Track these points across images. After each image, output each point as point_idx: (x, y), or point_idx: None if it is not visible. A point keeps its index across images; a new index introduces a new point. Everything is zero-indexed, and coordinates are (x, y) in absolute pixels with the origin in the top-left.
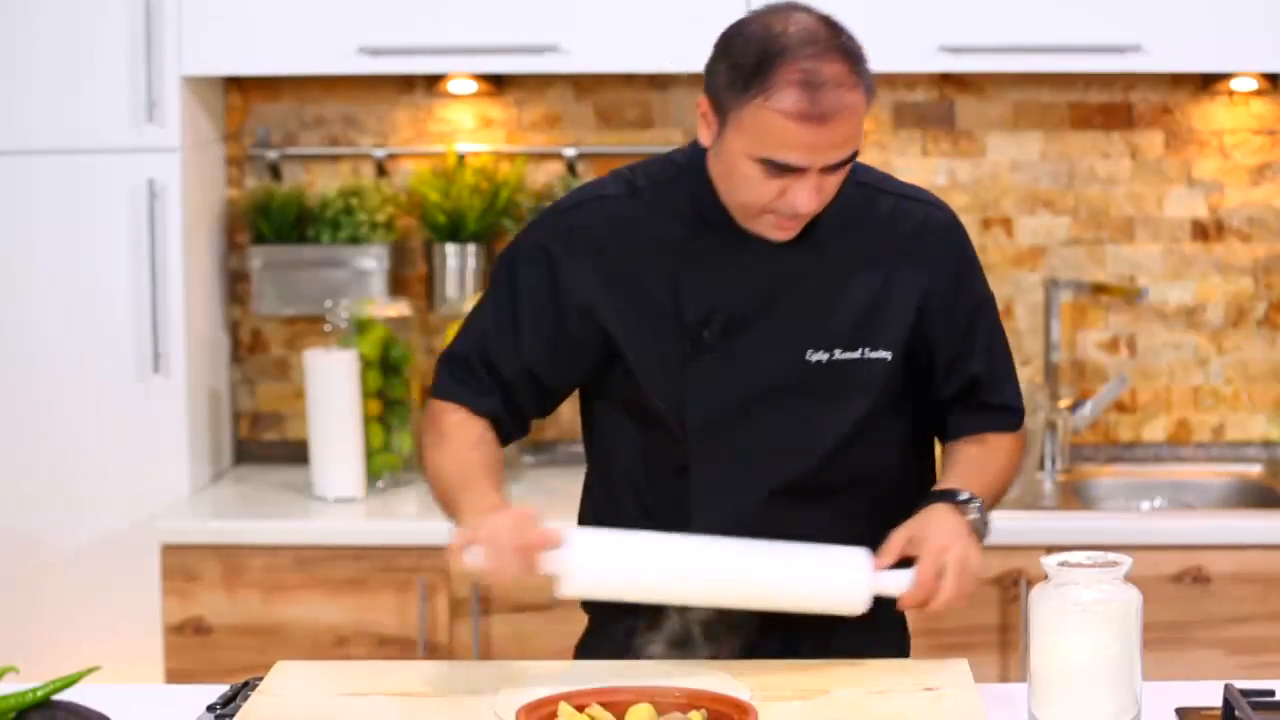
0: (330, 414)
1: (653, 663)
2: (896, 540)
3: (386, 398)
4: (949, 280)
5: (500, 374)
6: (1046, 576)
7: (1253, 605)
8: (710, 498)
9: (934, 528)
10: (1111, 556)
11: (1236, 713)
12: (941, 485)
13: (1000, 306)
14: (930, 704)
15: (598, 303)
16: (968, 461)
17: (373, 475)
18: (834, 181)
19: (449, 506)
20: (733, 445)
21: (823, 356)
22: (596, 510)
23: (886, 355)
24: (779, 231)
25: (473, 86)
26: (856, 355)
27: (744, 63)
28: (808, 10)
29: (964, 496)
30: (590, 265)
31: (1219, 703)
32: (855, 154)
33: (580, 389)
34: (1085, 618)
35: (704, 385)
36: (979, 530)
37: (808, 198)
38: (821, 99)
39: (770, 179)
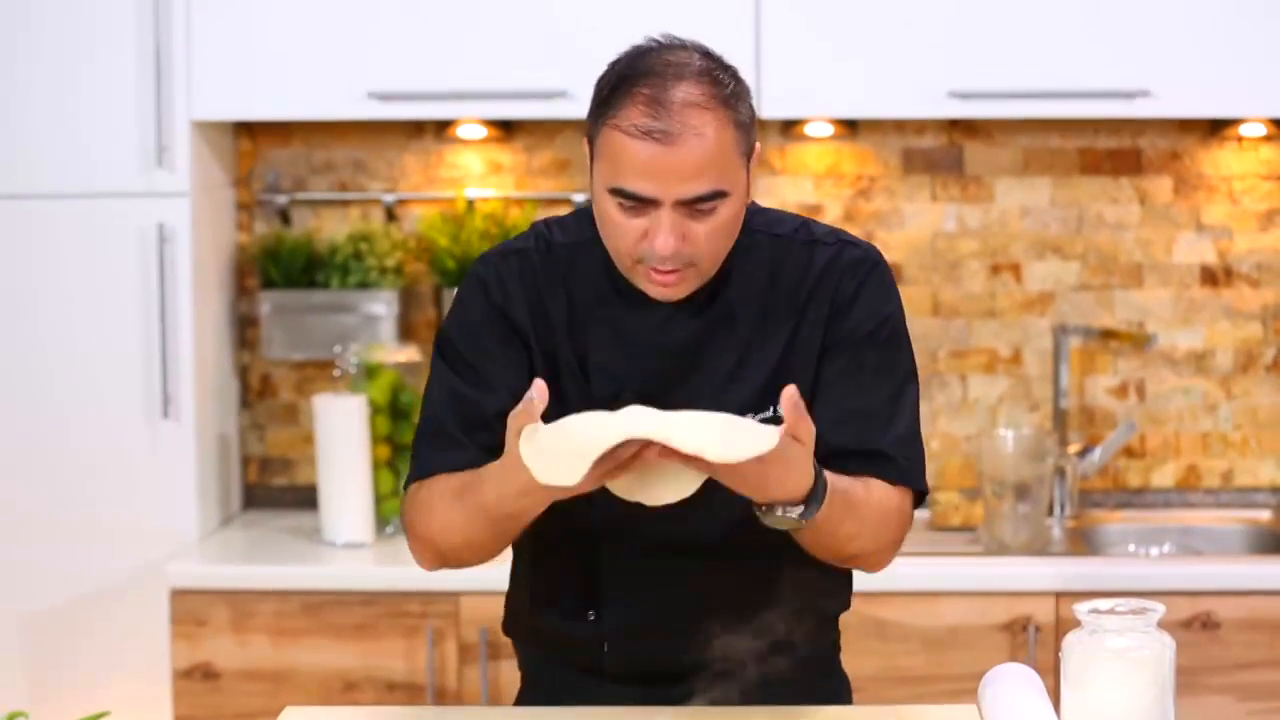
0: (339, 459)
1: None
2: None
3: (395, 443)
4: (841, 307)
5: (478, 425)
6: (1080, 624)
7: (1263, 651)
8: (623, 583)
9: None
10: (1145, 604)
11: None
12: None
13: (1008, 352)
14: None
15: (524, 333)
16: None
17: (382, 520)
18: (704, 230)
19: (497, 515)
20: (641, 519)
21: None
22: (518, 570)
23: None
24: (657, 286)
25: (482, 132)
26: (768, 414)
27: (602, 86)
28: (697, 49)
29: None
30: (521, 309)
31: None
32: (721, 194)
33: None
34: (1121, 665)
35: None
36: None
37: (664, 238)
38: (664, 115)
39: (628, 217)
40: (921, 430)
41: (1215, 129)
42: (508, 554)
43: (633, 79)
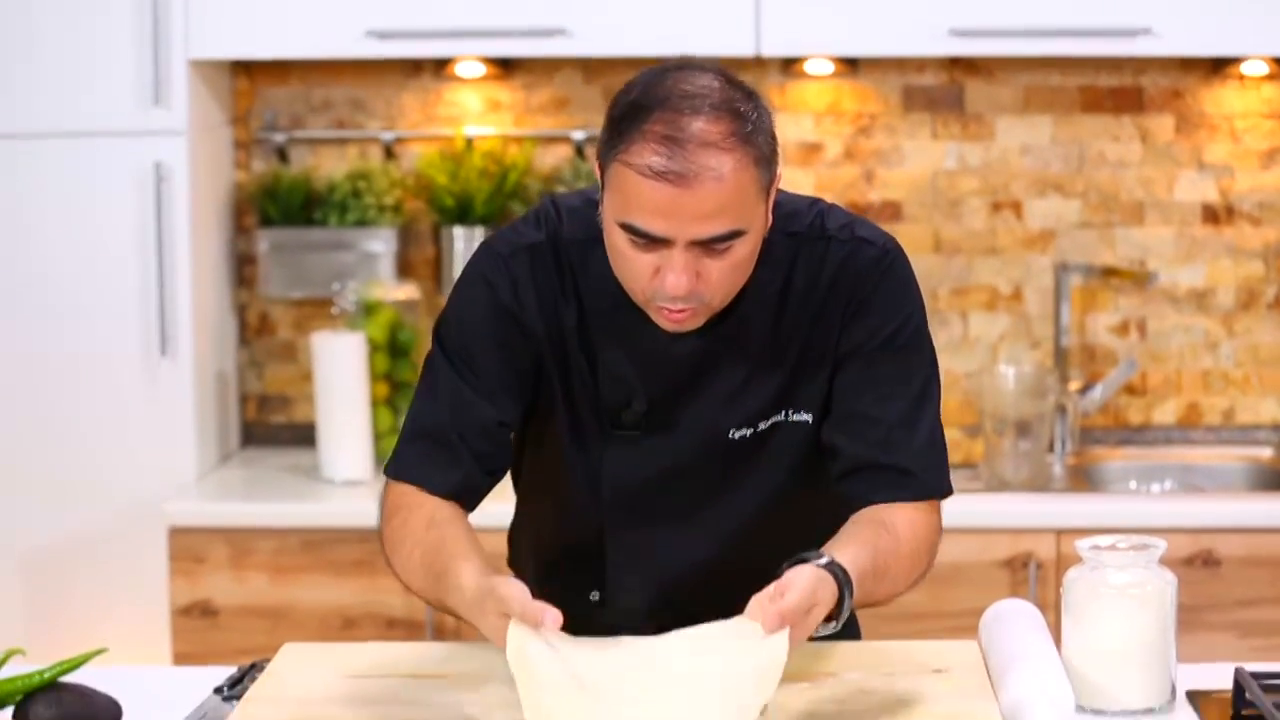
0: (338, 397)
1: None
2: (802, 603)
3: (394, 380)
4: (857, 313)
5: (477, 433)
6: (1081, 560)
7: (1264, 588)
8: (627, 565)
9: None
10: (1146, 540)
11: (1247, 695)
12: (848, 567)
13: (1009, 290)
14: (939, 685)
15: (535, 336)
16: (861, 547)
17: (380, 458)
18: (719, 267)
19: (455, 612)
20: (650, 518)
21: (746, 432)
22: (520, 558)
23: (807, 418)
24: (668, 322)
25: (480, 70)
26: (780, 418)
27: (615, 116)
28: (716, 71)
29: (841, 609)
30: (533, 311)
31: (1230, 685)
32: (738, 233)
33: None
34: (1122, 602)
35: (620, 461)
36: (837, 613)
37: (675, 279)
38: (680, 156)
39: (639, 252)
40: (942, 425)
41: (1217, 67)
42: (508, 511)
43: (646, 110)
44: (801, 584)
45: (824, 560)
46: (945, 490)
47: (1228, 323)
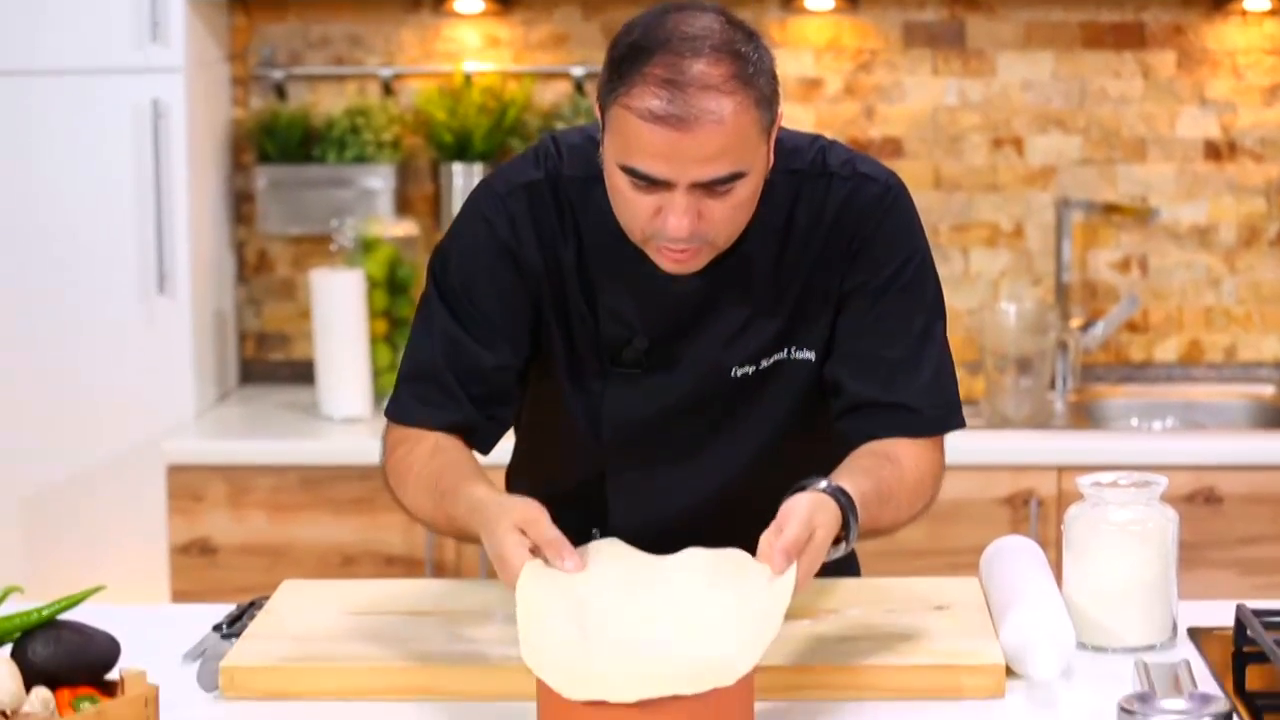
0: (336, 334)
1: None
2: (800, 534)
3: (393, 317)
4: (860, 252)
5: (474, 376)
6: (1082, 497)
7: (1265, 525)
8: (628, 504)
9: (822, 515)
10: (1147, 477)
11: (1249, 632)
12: (850, 491)
13: (1010, 226)
14: (941, 622)
15: (534, 275)
16: (863, 473)
17: (379, 394)
18: (721, 208)
19: (463, 532)
20: (651, 456)
21: (749, 369)
22: (520, 487)
23: (810, 355)
24: (669, 262)
25: (479, 5)
26: (782, 356)
27: (616, 58)
28: (716, 11)
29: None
30: (532, 250)
31: (1231, 623)
32: (739, 175)
33: None
34: (1123, 539)
35: (620, 400)
36: (845, 534)
37: (677, 220)
38: (680, 99)
39: (640, 194)
40: (950, 359)
41: (1219, 3)
42: (506, 449)
43: (647, 53)
44: (799, 512)
45: (822, 485)
46: (952, 425)
47: (1230, 259)
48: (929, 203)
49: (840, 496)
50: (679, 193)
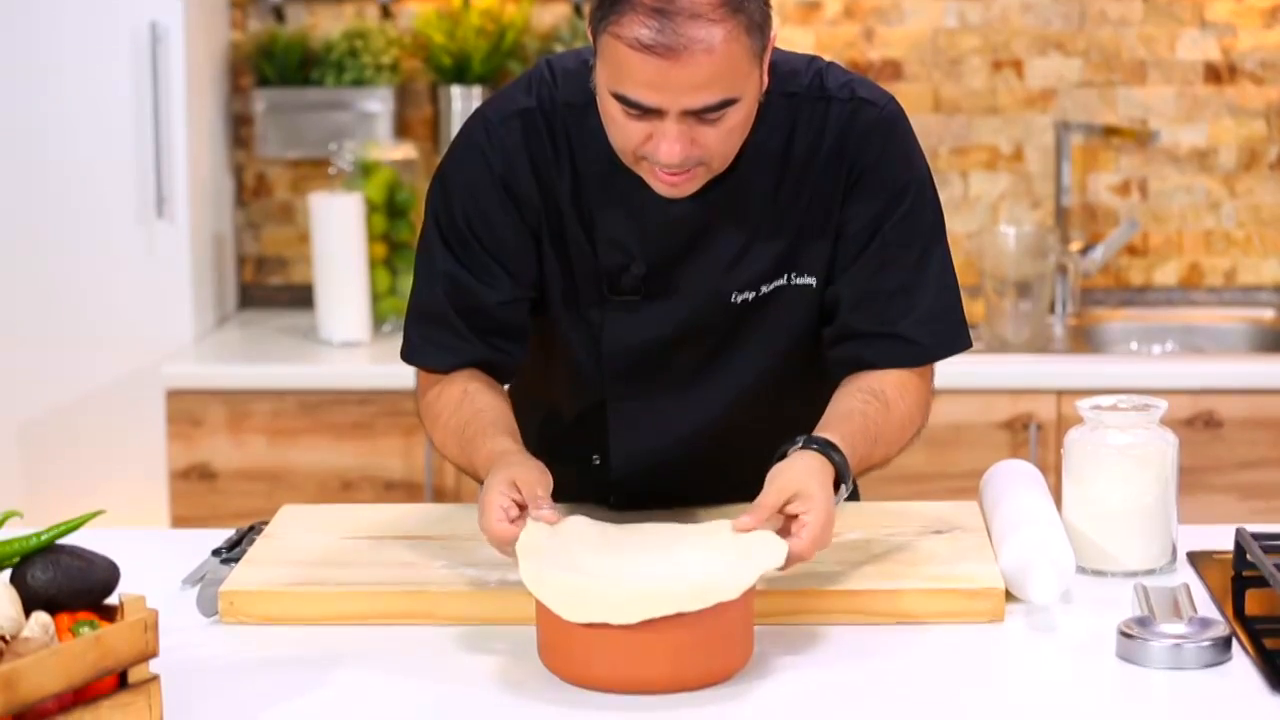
0: (335, 258)
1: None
2: (771, 499)
3: (392, 241)
4: (859, 180)
5: (478, 314)
6: (1082, 420)
7: (1265, 450)
8: (628, 432)
9: (809, 481)
10: (1147, 400)
11: (1248, 556)
12: (836, 441)
13: (1010, 149)
14: (941, 545)
15: (530, 205)
16: (863, 435)
17: (378, 319)
18: (713, 133)
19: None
20: (651, 385)
21: (748, 295)
22: (521, 416)
23: (811, 281)
24: (664, 186)
25: None
26: (782, 282)
27: None
28: None
29: (843, 479)
30: (526, 179)
31: (1231, 547)
32: (730, 101)
33: None
34: (1123, 462)
35: (619, 328)
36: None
37: (669, 146)
38: (669, 29)
39: (632, 120)
40: (952, 283)
41: None
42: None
43: None
44: (779, 486)
45: (798, 444)
46: (956, 348)
47: (1229, 183)
48: (928, 125)
49: (820, 446)
50: (670, 120)
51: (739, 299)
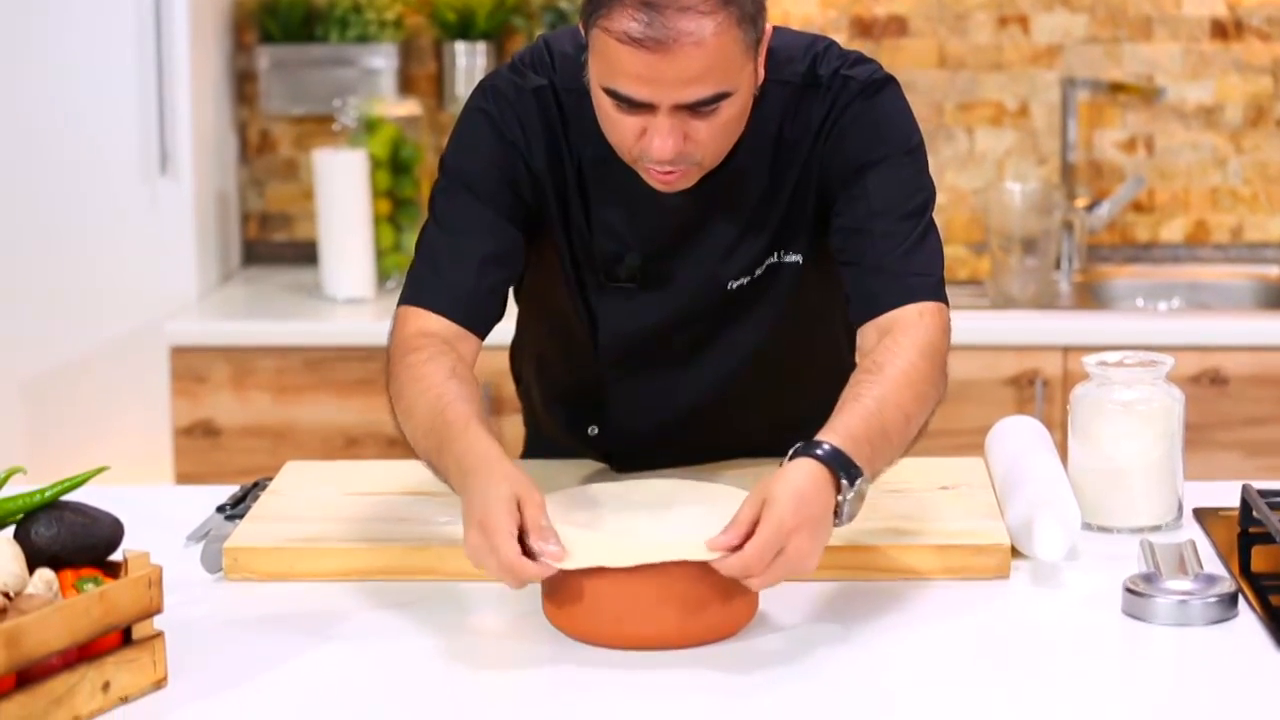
0: (340, 214)
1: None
2: (748, 513)
3: (396, 197)
4: (837, 144)
5: (471, 254)
6: (1088, 376)
7: (1271, 406)
8: (625, 406)
9: (792, 500)
10: (1153, 356)
11: (1254, 513)
12: (828, 436)
13: (1015, 105)
14: (947, 502)
15: (540, 177)
16: (860, 408)
17: (382, 275)
18: (707, 128)
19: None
20: (648, 365)
21: (743, 280)
22: (522, 378)
23: (798, 259)
24: (658, 182)
25: None
26: (773, 260)
27: None
28: None
29: (847, 473)
30: (540, 152)
31: (1237, 503)
32: (723, 95)
33: None
34: (1129, 418)
35: (616, 313)
36: (842, 511)
37: (661, 142)
38: (658, 22)
39: (624, 115)
40: (933, 247)
41: None
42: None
43: None
44: (752, 499)
45: (818, 451)
46: (930, 296)
47: (1236, 139)
48: (933, 81)
49: (821, 453)
50: (662, 114)
51: (734, 285)
